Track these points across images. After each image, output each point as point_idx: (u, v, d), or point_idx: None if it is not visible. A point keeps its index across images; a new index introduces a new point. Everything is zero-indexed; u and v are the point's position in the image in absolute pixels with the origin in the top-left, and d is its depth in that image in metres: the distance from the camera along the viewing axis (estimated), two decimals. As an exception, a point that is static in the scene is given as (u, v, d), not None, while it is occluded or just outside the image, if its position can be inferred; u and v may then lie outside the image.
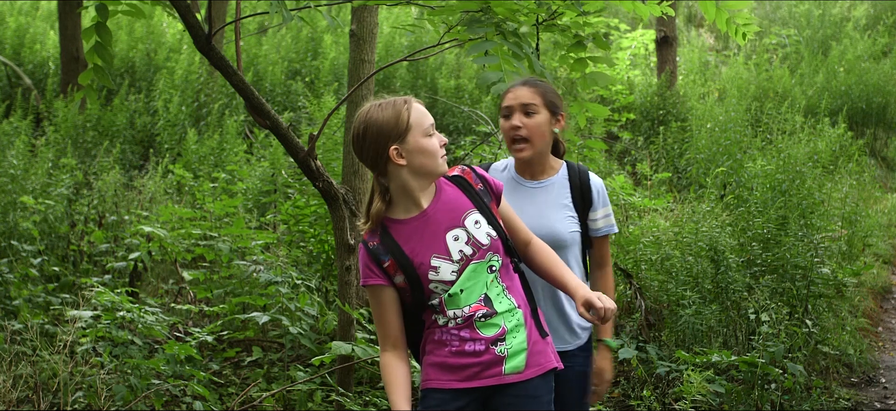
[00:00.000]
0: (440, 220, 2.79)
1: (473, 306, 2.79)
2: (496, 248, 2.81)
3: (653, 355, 5.38)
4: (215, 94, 10.78)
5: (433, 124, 2.78)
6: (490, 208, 2.85)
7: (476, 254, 2.79)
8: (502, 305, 2.81)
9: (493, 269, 2.81)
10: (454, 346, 2.82)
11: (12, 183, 6.80)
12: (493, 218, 2.83)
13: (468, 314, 2.79)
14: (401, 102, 2.76)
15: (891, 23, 15.97)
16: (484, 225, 2.81)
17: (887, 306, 7.88)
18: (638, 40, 13.10)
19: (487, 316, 2.79)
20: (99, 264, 6.49)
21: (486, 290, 2.80)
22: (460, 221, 2.80)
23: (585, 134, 9.00)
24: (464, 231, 2.80)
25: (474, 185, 2.86)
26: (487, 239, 2.80)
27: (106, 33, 3.91)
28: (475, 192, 2.86)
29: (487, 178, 2.89)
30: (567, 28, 3.92)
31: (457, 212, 2.81)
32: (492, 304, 2.80)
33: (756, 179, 7.21)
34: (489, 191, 2.88)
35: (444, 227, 2.79)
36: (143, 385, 4.47)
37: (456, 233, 2.79)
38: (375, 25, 5.41)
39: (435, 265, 2.77)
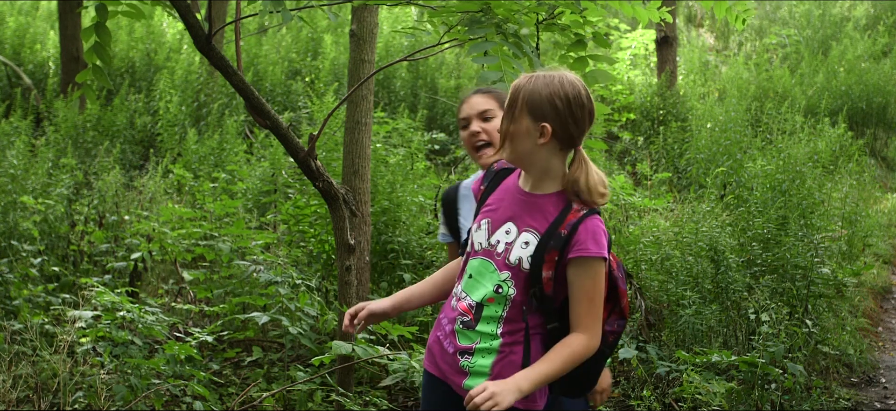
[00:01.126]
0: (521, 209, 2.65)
1: (464, 305, 2.68)
2: (516, 277, 2.61)
3: (653, 355, 5.38)
4: (215, 94, 10.78)
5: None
6: (548, 251, 2.57)
7: (498, 257, 2.64)
8: (486, 327, 2.64)
9: (500, 291, 2.63)
10: (440, 331, 2.75)
11: (12, 183, 6.80)
12: (540, 259, 2.57)
13: (459, 308, 2.69)
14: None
15: (891, 23, 15.97)
16: (528, 250, 2.59)
17: (887, 306, 7.88)
18: (638, 40, 13.10)
19: (468, 325, 2.66)
20: (99, 264, 6.49)
21: (483, 303, 2.65)
22: (522, 226, 2.62)
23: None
24: (516, 231, 2.63)
25: (562, 226, 2.58)
26: (515, 260, 2.61)
27: (105, 33, 3.91)
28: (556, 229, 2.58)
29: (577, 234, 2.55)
30: (567, 28, 3.93)
31: (531, 218, 2.62)
32: (478, 319, 2.65)
33: (756, 179, 7.21)
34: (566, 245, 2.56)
35: (513, 215, 2.65)
36: (143, 385, 4.47)
37: (509, 228, 2.64)
38: (375, 25, 5.41)
39: (481, 224, 2.69)
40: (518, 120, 2.61)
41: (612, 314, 2.74)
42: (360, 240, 5.22)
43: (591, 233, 2.56)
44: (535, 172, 2.65)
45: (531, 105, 2.60)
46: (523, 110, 2.60)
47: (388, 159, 6.82)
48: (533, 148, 2.61)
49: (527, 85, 2.62)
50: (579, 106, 2.62)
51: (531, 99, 2.60)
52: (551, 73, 2.63)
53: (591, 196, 2.60)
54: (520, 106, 2.60)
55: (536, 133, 2.60)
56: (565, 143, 2.62)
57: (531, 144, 2.61)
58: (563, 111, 2.59)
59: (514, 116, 2.61)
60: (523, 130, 2.61)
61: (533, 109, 2.60)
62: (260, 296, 5.37)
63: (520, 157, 2.65)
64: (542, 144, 2.60)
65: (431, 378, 2.79)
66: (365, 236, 5.36)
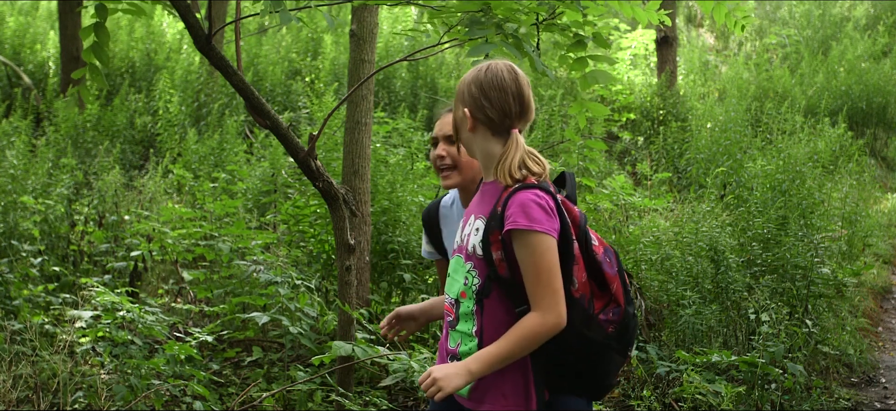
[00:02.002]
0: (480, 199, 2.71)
1: (448, 305, 2.73)
2: (477, 267, 2.63)
3: (653, 355, 5.38)
4: (215, 94, 10.78)
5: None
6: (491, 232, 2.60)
7: (462, 251, 2.69)
8: (464, 325, 2.67)
9: (466, 282, 2.65)
10: (443, 331, 2.80)
11: (12, 183, 6.80)
12: (487, 242, 2.60)
13: (446, 310, 2.76)
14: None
15: (891, 23, 15.97)
16: (478, 237, 2.63)
17: (887, 306, 7.88)
18: (638, 40, 13.10)
19: (451, 325, 2.71)
20: (99, 264, 6.49)
21: (459, 300, 2.68)
22: (477, 214, 2.67)
23: (585, 134, 9.00)
24: (473, 224, 2.68)
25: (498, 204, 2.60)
26: (472, 248, 2.65)
27: (104, 33, 3.90)
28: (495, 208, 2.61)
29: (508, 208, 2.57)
30: (567, 28, 3.93)
31: (482, 206, 2.67)
32: (457, 317, 2.68)
33: (756, 179, 7.21)
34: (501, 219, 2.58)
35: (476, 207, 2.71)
36: (143, 385, 4.47)
37: (471, 220, 2.69)
38: (375, 25, 5.41)
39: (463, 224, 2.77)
40: (456, 110, 2.73)
41: (609, 304, 2.66)
42: (360, 240, 5.22)
43: (520, 206, 2.55)
44: (479, 160, 2.72)
45: (459, 94, 2.72)
46: (458, 101, 2.72)
47: (388, 159, 6.82)
48: (467, 136, 2.71)
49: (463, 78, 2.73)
50: (496, 88, 2.65)
51: (459, 89, 2.73)
52: (484, 63, 2.72)
53: (505, 177, 2.61)
54: (457, 97, 2.73)
55: (467, 121, 2.68)
56: (495, 129, 2.66)
57: (465, 132, 2.71)
58: (477, 96, 2.66)
59: (455, 107, 2.74)
60: (459, 119, 2.72)
61: (460, 98, 2.71)
62: (260, 296, 5.37)
63: (465, 147, 2.75)
64: (470, 130, 2.68)
65: None
66: (365, 236, 5.36)
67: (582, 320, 2.61)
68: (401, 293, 6.22)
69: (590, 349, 2.62)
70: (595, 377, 2.67)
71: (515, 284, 2.59)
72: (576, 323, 2.59)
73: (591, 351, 2.62)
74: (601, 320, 2.64)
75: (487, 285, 2.61)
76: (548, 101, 11.10)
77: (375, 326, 5.18)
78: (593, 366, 2.65)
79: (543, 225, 2.54)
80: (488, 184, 2.70)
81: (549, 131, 9.97)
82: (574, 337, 2.60)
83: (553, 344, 2.58)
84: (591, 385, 2.68)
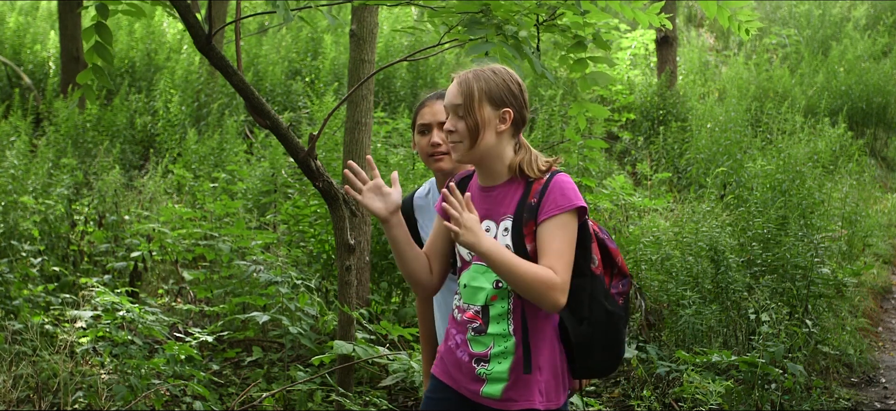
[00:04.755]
0: (490, 205, 2.71)
1: (470, 313, 2.71)
2: None
3: (653, 355, 5.38)
4: (215, 94, 10.78)
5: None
6: (526, 224, 2.64)
7: None
8: (497, 327, 2.67)
9: (500, 285, 2.67)
10: (451, 341, 2.77)
11: (12, 183, 6.80)
12: (520, 236, 2.64)
13: (465, 319, 2.72)
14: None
15: (891, 23, 15.97)
16: (509, 236, 2.66)
17: (887, 306, 7.88)
18: (638, 40, 13.10)
19: (478, 331, 2.69)
20: (99, 264, 6.49)
21: (488, 303, 2.68)
22: (498, 218, 2.69)
23: (585, 134, 9.00)
24: (494, 225, 2.69)
25: (531, 196, 2.65)
26: None
27: (106, 33, 3.90)
28: (526, 201, 2.66)
29: (545, 196, 2.63)
30: (567, 28, 3.93)
31: (502, 208, 2.69)
32: (487, 321, 2.68)
33: (756, 179, 7.21)
34: (537, 209, 2.63)
35: (488, 212, 2.71)
36: (143, 385, 4.47)
37: (488, 225, 2.70)
38: (375, 25, 5.41)
39: None
40: (480, 112, 2.66)
41: (614, 276, 2.76)
42: (360, 240, 5.22)
43: (560, 190, 2.63)
44: (492, 164, 2.71)
45: (490, 95, 2.67)
46: (483, 101, 2.66)
47: (388, 159, 6.83)
48: (495, 137, 2.68)
49: (477, 80, 2.68)
50: (525, 91, 2.73)
51: (489, 88, 2.67)
52: (489, 66, 2.73)
53: (536, 172, 2.68)
54: (478, 98, 2.66)
55: (497, 120, 2.67)
56: (517, 128, 2.71)
57: (493, 134, 2.68)
58: (519, 95, 2.70)
59: (475, 109, 2.66)
60: (487, 120, 2.66)
61: (492, 98, 2.67)
62: (260, 296, 5.37)
63: (484, 151, 2.69)
64: (502, 131, 2.68)
65: (440, 383, 2.78)
66: (365, 236, 5.36)
67: (604, 294, 2.71)
68: (401, 293, 6.22)
69: (612, 322, 2.70)
70: (616, 350, 2.75)
71: None
72: (599, 297, 2.69)
73: (613, 324, 2.71)
74: (613, 294, 2.75)
75: None
76: (548, 101, 11.10)
77: (376, 326, 5.19)
78: (614, 339, 2.73)
79: (580, 200, 2.64)
80: (499, 186, 2.71)
81: (550, 131, 9.97)
82: (602, 312, 2.68)
83: (587, 324, 2.67)
84: (613, 358, 2.76)
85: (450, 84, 2.75)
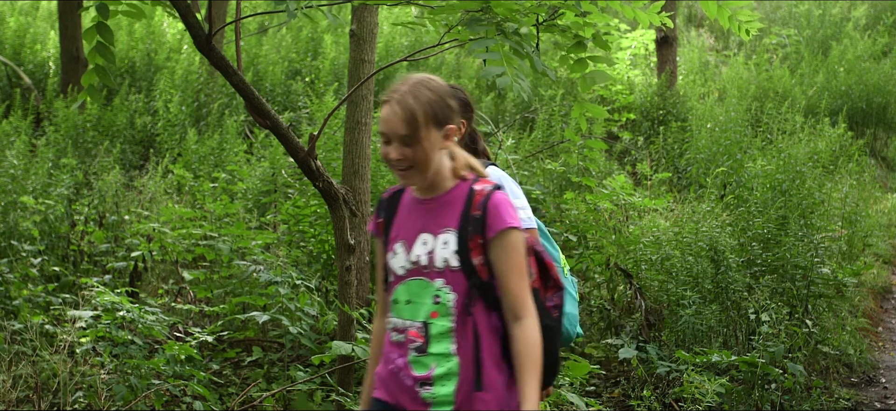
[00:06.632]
0: (428, 216, 2.62)
1: (411, 332, 2.59)
2: (452, 281, 2.57)
3: (653, 355, 5.38)
4: (215, 93, 10.78)
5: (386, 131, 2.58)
6: (471, 238, 2.55)
7: (425, 270, 2.59)
8: (438, 346, 2.56)
9: (439, 300, 2.57)
10: (392, 364, 2.64)
11: (12, 183, 6.80)
12: (466, 249, 2.55)
13: (403, 339, 2.61)
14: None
15: (891, 23, 15.97)
16: (451, 247, 2.56)
17: (887, 306, 7.88)
18: (638, 40, 13.09)
19: (420, 350, 2.58)
20: (99, 264, 6.49)
21: (429, 320, 2.57)
22: (437, 230, 2.59)
23: (585, 134, 8.99)
24: (432, 238, 2.60)
25: (473, 208, 2.57)
26: (442, 263, 2.57)
27: (108, 32, 3.90)
28: (469, 214, 2.57)
29: (489, 210, 2.55)
30: (567, 28, 3.93)
31: (441, 219, 2.60)
32: (428, 339, 2.57)
33: (756, 179, 7.21)
34: (483, 224, 2.55)
35: (424, 225, 2.62)
36: (143, 385, 4.47)
37: (425, 238, 2.60)
38: (375, 25, 5.41)
39: (396, 249, 2.64)
40: (427, 138, 2.56)
41: (549, 289, 2.71)
42: (360, 240, 5.22)
43: (504, 205, 2.57)
44: (436, 179, 2.63)
45: (435, 116, 2.57)
46: (429, 125, 2.56)
47: (388, 159, 6.81)
48: (440, 155, 2.61)
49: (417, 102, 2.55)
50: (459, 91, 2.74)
51: (433, 111, 2.57)
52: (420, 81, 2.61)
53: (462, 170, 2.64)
54: (423, 124, 2.55)
55: (442, 138, 2.59)
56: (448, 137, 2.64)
57: (439, 153, 2.61)
58: (455, 104, 2.64)
59: (422, 137, 2.55)
60: (434, 143, 2.58)
61: (437, 119, 2.57)
62: (260, 296, 5.37)
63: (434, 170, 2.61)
64: (445, 147, 2.61)
65: (384, 405, 2.66)
66: (365, 236, 5.36)
67: (541, 308, 2.66)
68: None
69: (549, 335, 2.65)
70: (553, 363, 2.70)
71: (493, 288, 2.58)
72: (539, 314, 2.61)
73: (550, 338, 2.66)
74: (549, 307, 2.72)
75: (472, 295, 2.57)
76: (548, 101, 11.10)
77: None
78: (551, 352, 2.67)
79: (519, 222, 2.58)
80: (437, 198, 2.63)
81: (550, 131, 9.97)
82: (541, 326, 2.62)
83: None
84: (550, 372, 2.69)
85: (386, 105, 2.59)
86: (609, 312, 6.10)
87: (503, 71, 3.34)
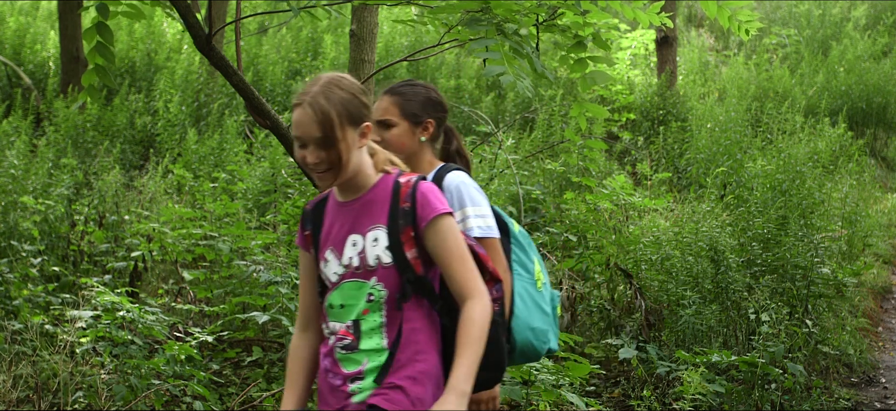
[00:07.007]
0: (355, 217, 2.57)
1: (342, 330, 2.54)
2: (384, 277, 2.51)
3: (653, 355, 5.38)
4: (215, 93, 10.78)
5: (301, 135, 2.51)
6: (402, 232, 2.51)
7: (359, 271, 2.53)
8: (370, 342, 2.51)
9: (372, 298, 2.51)
10: (325, 368, 2.58)
11: (13, 183, 6.80)
12: (398, 244, 2.50)
13: (337, 336, 2.55)
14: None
15: (891, 23, 15.97)
16: (381, 245, 2.52)
17: (887, 306, 7.88)
18: (638, 40, 13.10)
19: (349, 348, 2.52)
20: (99, 264, 6.49)
21: (360, 318, 2.52)
22: (365, 229, 2.54)
23: (585, 134, 9.00)
24: (361, 238, 2.54)
25: (401, 201, 2.53)
26: (374, 261, 2.52)
27: (107, 32, 3.90)
28: (397, 208, 2.53)
29: (417, 200, 2.52)
30: (567, 28, 3.93)
31: (368, 218, 2.55)
32: (359, 336, 2.52)
33: (756, 179, 7.22)
34: (413, 215, 2.51)
35: (351, 227, 2.56)
36: (143, 385, 4.47)
37: (355, 239, 2.55)
38: (375, 25, 5.41)
39: (327, 257, 2.58)
40: (343, 139, 2.50)
41: (487, 282, 2.60)
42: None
43: (432, 193, 2.53)
44: (355, 179, 2.58)
45: (350, 116, 2.52)
46: (344, 125, 2.50)
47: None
48: (358, 154, 2.56)
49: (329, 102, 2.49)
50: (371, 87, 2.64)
51: (347, 111, 2.51)
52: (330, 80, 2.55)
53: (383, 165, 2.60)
54: (339, 124, 2.49)
55: (358, 137, 2.54)
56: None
57: (356, 153, 2.55)
58: (368, 100, 2.58)
59: (338, 138, 2.50)
60: (350, 143, 2.52)
61: (351, 118, 2.52)
62: (260, 296, 5.36)
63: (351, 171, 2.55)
64: (362, 146, 2.56)
65: None
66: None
67: None
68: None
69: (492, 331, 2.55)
70: (498, 359, 2.65)
71: (428, 281, 2.54)
72: None
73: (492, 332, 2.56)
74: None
75: (406, 289, 2.51)
76: (548, 101, 11.10)
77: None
78: (494, 347, 2.62)
79: (448, 207, 2.55)
80: (361, 198, 2.58)
81: (550, 131, 9.97)
82: None
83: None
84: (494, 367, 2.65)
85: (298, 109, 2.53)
86: (609, 312, 6.10)
87: (504, 70, 3.35)
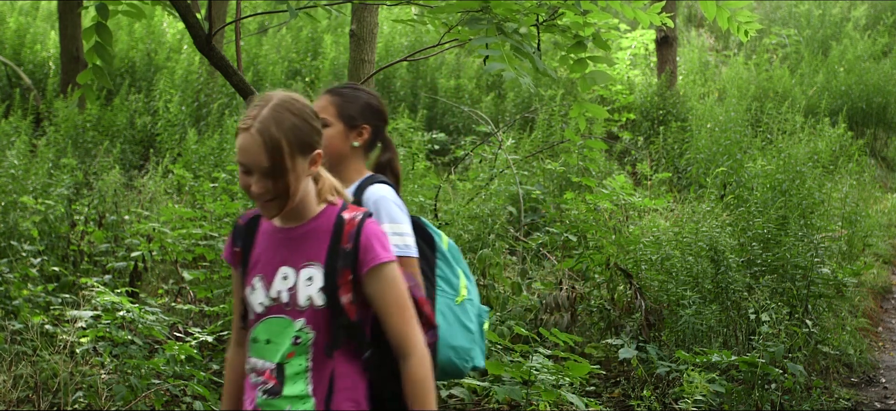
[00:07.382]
0: (290, 247, 2.39)
1: (266, 373, 2.36)
2: (314, 320, 2.33)
3: (653, 355, 5.38)
4: (215, 94, 10.79)
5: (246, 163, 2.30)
6: (340, 274, 2.33)
7: (287, 308, 2.35)
8: (293, 388, 2.33)
9: (299, 342, 2.33)
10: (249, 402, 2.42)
11: (12, 183, 6.80)
12: (334, 287, 2.32)
13: (258, 381, 2.38)
14: None
15: (891, 23, 15.98)
16: (315, 286, 2.33)
17: (887, 306, 7.88)
18: (638, 40, 13.10)
19: (272, 392, 2.34)
20: (99, 264, 6.49)
21: (284, 361, 2.34)
22: (299, 264, 2.36)
23: (585, 134, 9.00)
24: (293, 273, 2.36)
25: (343, 241, 2.34)
26: (306, 302, 2.33)
27: (106, 33, 3.90)
28: (338, 247, 2.34)
29: (361, 244, 2.32)
30: (567, 28, 3.93)
31: (304, 252, 2.36)
32: (282, 381, 2.34)
33: (756, 179, 7.22)
34: (354, 257, 2.33)
35: (285, 258, 2.38)
36: (143, 385, 4.47)
37: (286, 272, 2.37)
38: (375, 25, 5.41)
39: (254, 284, 2.41)
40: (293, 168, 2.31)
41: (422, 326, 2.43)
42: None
43: (376, 237, 2.35)
44: (300, 208, 2.39)
45: (300, 143, 2.31)
46: (294, 154, 2.30)
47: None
48: (303, 182, 2.36)
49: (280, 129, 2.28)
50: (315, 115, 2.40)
51: (297, 138, 2.31)
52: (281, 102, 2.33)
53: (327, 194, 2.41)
54: (288, 153, 2.29)
55: (306, 162, 2.34)
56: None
57: (304, 180, 2.36)
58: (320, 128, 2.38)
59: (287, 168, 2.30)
60: (300, 173, 2.33)
61: (302, 146, 2.32)
62: (260, 296, 5.36)
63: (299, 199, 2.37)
64: (311, 174, 2.37)
65: None
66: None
67: None
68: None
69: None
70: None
71: (361, 328, 2.38)
72: None
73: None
74: None
75: (338, 336, 2.34)
76: (548, 101, 11.10)
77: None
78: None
79: (393, 254, 2.38)
80: (300, 227, 2.39)
81: (550, 131, 9.97)
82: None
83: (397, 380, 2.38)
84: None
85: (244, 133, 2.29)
86: (609, 312, 6.10)
87: (505, 66, 3.35)
